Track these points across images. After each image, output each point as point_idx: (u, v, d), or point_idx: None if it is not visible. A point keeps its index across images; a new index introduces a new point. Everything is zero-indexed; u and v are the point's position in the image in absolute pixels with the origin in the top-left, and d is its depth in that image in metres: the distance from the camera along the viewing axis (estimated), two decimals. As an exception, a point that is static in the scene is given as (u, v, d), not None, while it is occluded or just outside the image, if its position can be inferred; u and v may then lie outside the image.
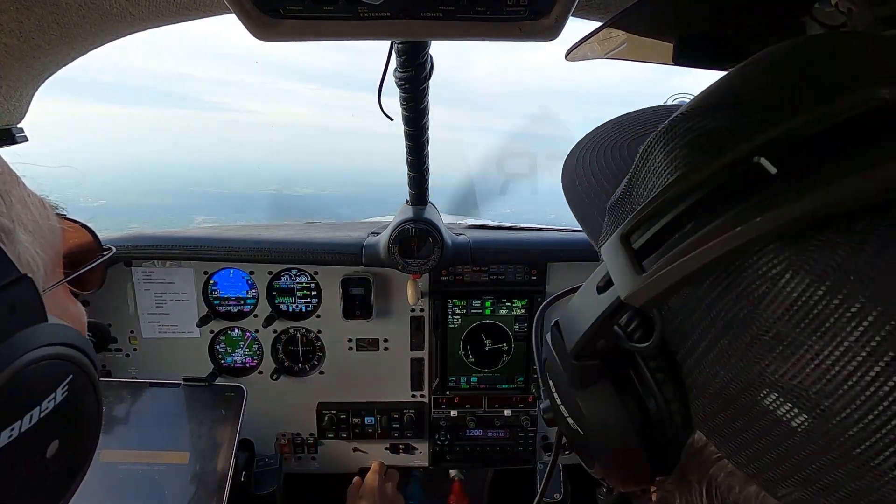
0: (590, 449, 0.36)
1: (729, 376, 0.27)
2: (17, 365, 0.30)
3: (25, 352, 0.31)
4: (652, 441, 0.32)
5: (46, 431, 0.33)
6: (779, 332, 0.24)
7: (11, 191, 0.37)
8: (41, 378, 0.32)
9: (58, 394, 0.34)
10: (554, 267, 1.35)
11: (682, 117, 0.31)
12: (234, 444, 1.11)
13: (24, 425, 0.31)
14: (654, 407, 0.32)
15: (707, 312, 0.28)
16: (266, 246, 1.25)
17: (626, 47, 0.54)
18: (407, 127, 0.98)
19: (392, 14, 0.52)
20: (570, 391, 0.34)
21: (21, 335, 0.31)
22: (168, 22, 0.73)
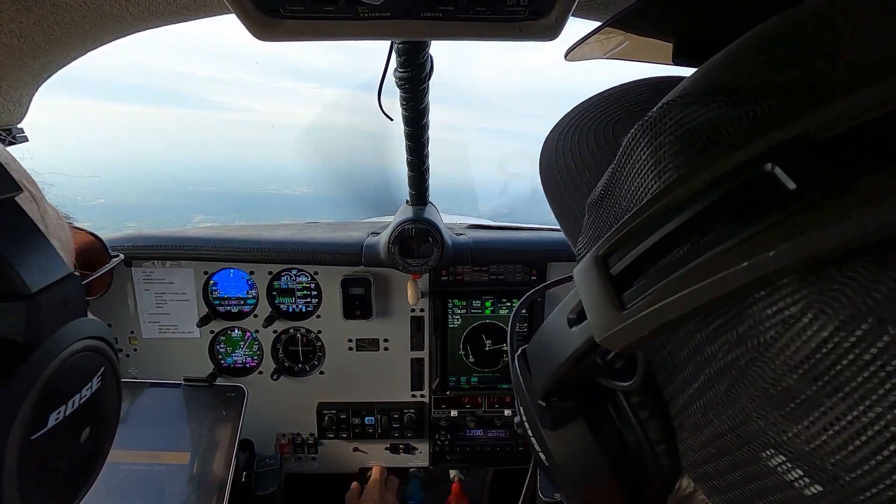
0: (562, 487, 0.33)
1: (724, 427, 0.23)
2: (67, 353, 0.33)
3: (73, 342, 0.33)
4: (633, 485, 0.29)
5: (82, 418, 0.35)
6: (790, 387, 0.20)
7: (41, 198, 0.39)
8: (82, 367, 0.35)
9: (93, 383, 0.36)
10: (554, 267, 1.35)
11: (671, 104, 0.26)
12: (235, 445, 1.12)
13: (67, 410, 0.33)
14: (636, 448, 0.29)
15: (699, 351, 0.23)
16: (266, 246, 1.25)
17: (626, 47, 0.54)
18: (407, 127, 0.99)
19: (392, 14, 0.52)
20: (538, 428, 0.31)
21: (71, 326, 0.33)
22: (168, 22, 0.73)
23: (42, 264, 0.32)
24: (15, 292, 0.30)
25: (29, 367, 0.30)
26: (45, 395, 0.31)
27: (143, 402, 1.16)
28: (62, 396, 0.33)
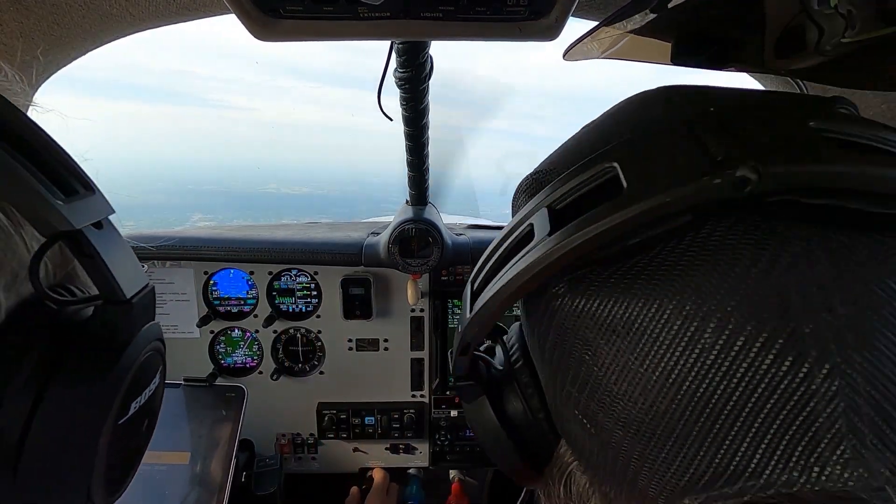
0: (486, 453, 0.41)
1: (552, 395, 0.32)
2: (148, 349, 0.39)
3: (150, 342, 0.39)
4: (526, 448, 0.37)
5: (146, 410, 0.40)
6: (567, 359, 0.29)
7: None
8: (152, 365, 0.41)
9: (157, 378, 0.42)
10: None
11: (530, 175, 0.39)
12: (235, 445, 1.12)
13: (142, 400, 0.39)
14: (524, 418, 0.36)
15: (533, 333, 0.33)
16: (266, 246, 1.25)
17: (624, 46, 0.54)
18: (407, 127, 0.99)
19: (392, 14, 0.52)
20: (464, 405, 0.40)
21: (147, 328, 0.39)
22: (168, 22, 0.73)
23: (133, 274, 0.38)
24: (116, 298, 0.36)
25: (125, 361, 0.35)
26: (131, 386, 0.36)
27: None
28: (140, 388, 0.38)
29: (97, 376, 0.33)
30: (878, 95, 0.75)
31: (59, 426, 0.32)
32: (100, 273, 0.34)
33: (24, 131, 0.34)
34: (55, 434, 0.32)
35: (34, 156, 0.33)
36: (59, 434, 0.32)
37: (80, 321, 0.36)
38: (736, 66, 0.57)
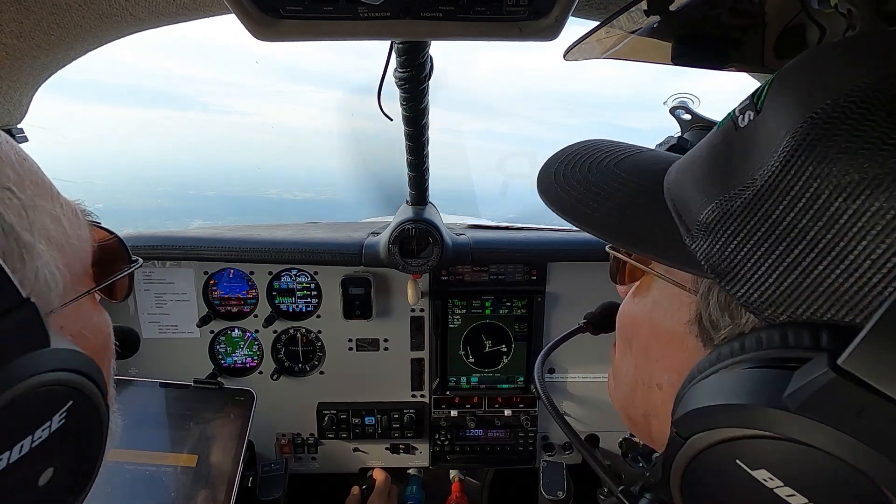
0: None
1: None
2: (8, 396, 0.29)
3: (20, 380, 0.30)
4: None
5: (39, 460, 0.32)
6: None
7: (40, 204, 0.37)
8: (36, 406, 0.31)
9: (53, 421, 0.33)
10: (554, 267, 1.35)
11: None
12: (243, 449, 1.11)
13: (12, 456, 0.30)
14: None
15: None
16: (266, 246, 1.25)
17: (624, 47, 0.54)
18: (407, 127, 0.99)
19: (392, 14, 0.52)
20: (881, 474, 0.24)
21: (18, 362, 0.30)
22: (168, 22, 0.73)
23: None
24: None
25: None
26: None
27: (151, 402, 1.16)
28: (4, 443, 0.30)
29: None
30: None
31: None
32: None
33: None
34: None
35: None
36: None
37: None
38: (736, 66, 0.57)
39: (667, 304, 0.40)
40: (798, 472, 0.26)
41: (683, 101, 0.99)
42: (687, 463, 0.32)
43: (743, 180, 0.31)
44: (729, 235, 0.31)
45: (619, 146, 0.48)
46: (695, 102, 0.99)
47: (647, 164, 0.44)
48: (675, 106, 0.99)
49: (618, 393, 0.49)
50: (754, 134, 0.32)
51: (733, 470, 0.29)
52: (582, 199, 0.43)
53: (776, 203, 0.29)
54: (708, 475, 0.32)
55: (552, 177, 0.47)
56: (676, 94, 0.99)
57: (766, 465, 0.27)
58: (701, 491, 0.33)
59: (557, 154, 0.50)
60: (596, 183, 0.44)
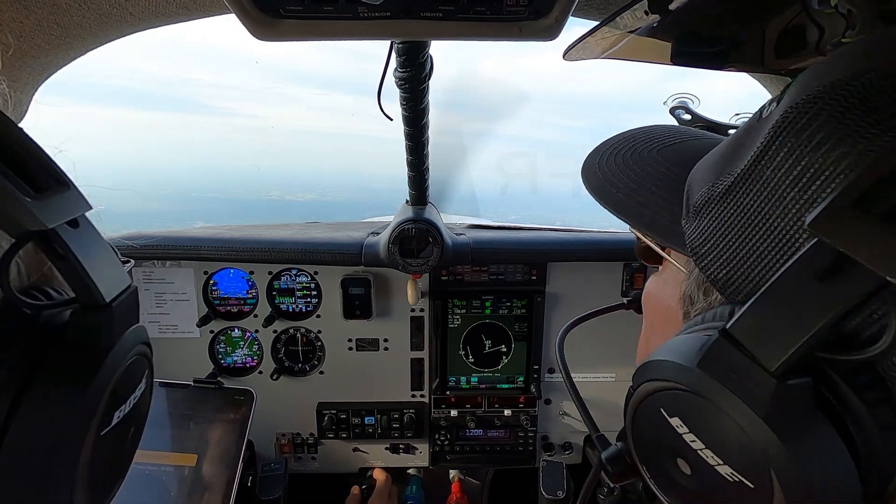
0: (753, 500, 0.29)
1: None
2: (132, 355, 0.37)
3: (134, 346, 0.37)
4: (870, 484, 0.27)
5: (132, 416, 0.39)
6: None
7: None
8: (137, 370, 0.39)
9: (142, 384, 0.40)
10: (554, 267, 1.35)
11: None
12: (242, 449, 1.11)
13: (126, 409, 0.37)
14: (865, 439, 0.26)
15: None
16: (266, 246, 1.25)
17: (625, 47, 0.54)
18: (407, 127, 0.99)
19: (392, 14, 0.52)
20: (751, 427, 0.28)
21: (131, 332, 0.37)
22: (167, 22, 0.73)
23: (113, 275, 0.35)
24: (94, 302, 0.33)
25: (105, 370, 0.33)
26: (114, 395, 0.34)
27: (152, 402, 1.15)
28: (124, 396, 0.36)
29: (77, 386, 0.31)
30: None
31: (38, 437, 0.30)
32: (75, 275, 0.32)
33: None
34: (33, 444, 0.30)
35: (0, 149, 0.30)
36: (38, 445, 0.30)
37: (59, 326, 0.33)
38: (736, 66, 0.57)
39: (671, 283, 0.43)
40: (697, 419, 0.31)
41: (683, 102, 0.99)
42: (633, 412, 0.37)
43: (733, 167, 0.33)
44: (709, 219, 0.34)
45: (673, 132, 0.50)
46: (695, 102, 0.99)
47: (688, 152, 0.45)
48: (674, 106, 0.99)
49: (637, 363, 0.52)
50: (764, 125, 0.33)
51: (658, 418, 0.34)
52: (613, 182, 0.46)
53: (747, 189, 0.31)
54: (644, 422, 0.36)
55: (597, 158, 0.50)
56: (676, 95, 0.99)
57: (679, 414, 0.32)
58: (640, 436, 0.37)
59: (614, 137, 0.52)
60: (631, 168, 0.46)
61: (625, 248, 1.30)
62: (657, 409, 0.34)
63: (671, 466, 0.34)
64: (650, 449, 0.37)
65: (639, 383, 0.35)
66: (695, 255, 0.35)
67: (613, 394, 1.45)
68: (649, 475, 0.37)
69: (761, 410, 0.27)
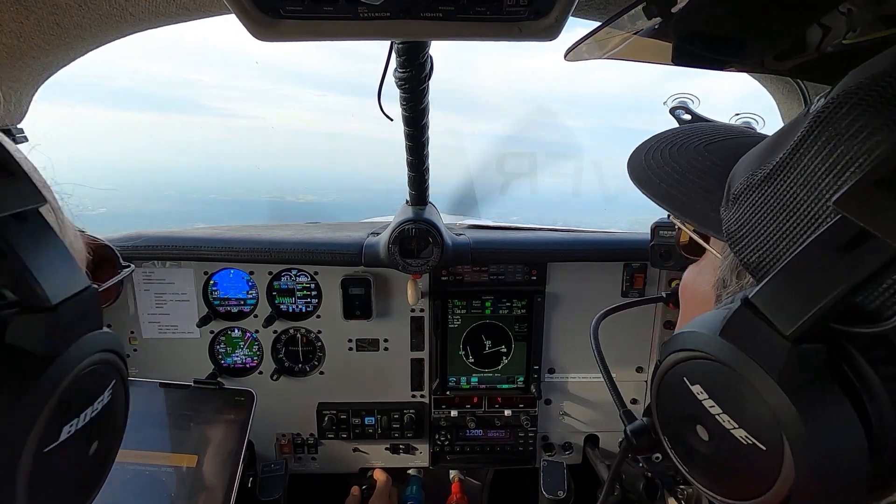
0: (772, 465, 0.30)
1: None
2: (82, 366, 0.33)
3: (89, 355, 0.34)
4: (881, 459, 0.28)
5: (92, 430, 0.35)
6: None
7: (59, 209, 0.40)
8: (96, 380, 0.35)
9: (105, 396, 0.36)
10: (554, 267, 1.35)
11: None
12: (243, 449, 1.11)
13: (79, 423, 0.33)
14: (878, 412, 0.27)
15: None
16: (266, 246, 1.25)
17: (626, 48, 0.54)
18: (407, 127, 0.99)
19: (392, 14, 0.52)
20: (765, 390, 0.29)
21: (87, 338, 0.34)
22: (168, 22, 0.73)
23: (63, 276, 0.32)
24: (37, 304, 0.30)
25: (45, 380, 0.30)
26: (59, 407, 0.31)
27: (152, 402, 1.15)
28: (76, 409, 0.33)
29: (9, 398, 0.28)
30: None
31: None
32: (16, 274, 0.29)
33: None
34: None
35: None
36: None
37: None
38: (736, 67, 0.57)
39: (708, 269, 0.44)
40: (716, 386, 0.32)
41: (683, 102, 0.99)
42: (658, 384, 0.38)
43: (773, 157, 0.34)
44: (746, 205, 0.35)
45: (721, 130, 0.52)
46: (695, 102, 0.99)
47: (734, 147, 0.45)
48: (674, 106, 0.99)
49: None
50: (807, 118, 0.33)
51: (681, 387, 0.35)
52: (658, 174, 0.48)
53: (784, 177, 0.32)
54: (668, 393, 0.37)
55: (643, 153, 0.52)
56: (676, 95, 0.99)
57: (700, 381, 0.33)
58: (664, 408, 0.38)
59: (660, 134, 0.54)
60: (677, 161, 0.48)
61: (625, 248, 1.30)
62: (680, 379, 0.35)
63: (691, 435, 0.35)
64: (672, 419, 0.38)
65: (665, 355, 0.37)
66: (730, 240, 0.36)
67: None
68: (671, 446, 0.39)
69: (775, 374, 0.28)
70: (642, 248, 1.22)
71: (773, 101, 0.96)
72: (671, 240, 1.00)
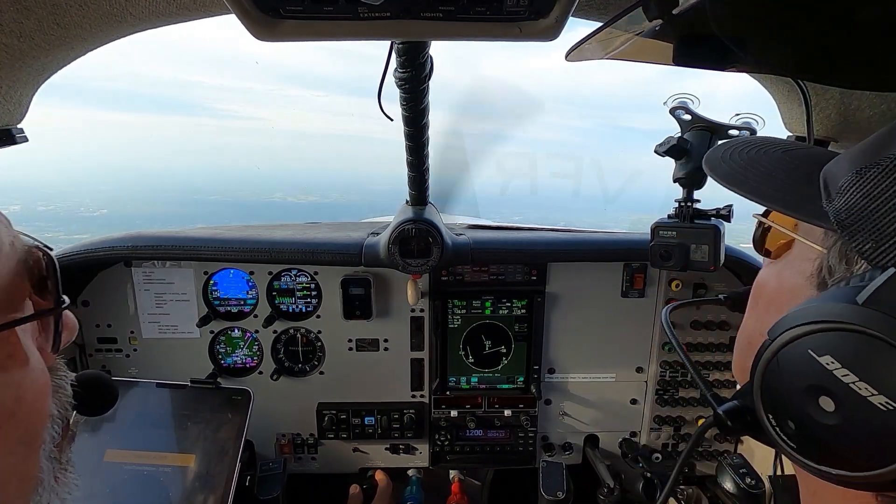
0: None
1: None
2: None
3: None
4: None
5: None
6: None
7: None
8: None
9: None
10: (554, 267, 1.35)
11: None
12: (240, 449, 1.11)
13: None
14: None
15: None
16: (266, 246, 1.25)
17: (627, 48, 0.54)
18: (407, 127, 0.99)
19: (392, 14, 0.52)
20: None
21: None
22: (168, 22, 0.73)
23: None
24: None
25: None
26: None
27: (149, 402, 1.15)
28: None
29: None
30: (878, 96, 0.74)
31: None
32: None
33: None
34: None
35: None
36: None
37: None
38: (737, 67, 0.57)
39: (796, 263, 0.45)
40: (854, 355, 0.33)
41: (683, 102, 0.99)
42: (770, 358, 0.38)
43: (885, 152, 0.35)
44: (861, 196, 0.36)
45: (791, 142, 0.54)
46: (695, 103, 0.99)
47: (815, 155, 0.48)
48: (675, 106, 0.99)
49: (737, 348, 0.54)
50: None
51: (804, 360, 0.35)
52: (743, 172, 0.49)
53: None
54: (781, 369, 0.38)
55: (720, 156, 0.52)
56: (676, 95, 0.99)
57: (831, 352, 0.34)
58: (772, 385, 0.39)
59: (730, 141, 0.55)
60: (760, 162, 0.50)
61: (625, 248, 1.30)
62: (804, 352, 0.36)
63: (811, 408, 0.36)
64: (786, 395, 0.38)
65: (779, 333, 0.37)
66: (843, 228, 0.37)
67: (613, 394, 1.45)
68: (774, 424, 0.39)
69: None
70: (642, 248, 1.22)
71: (773, 101, 0.96)
72: (671, 240, 1.00)
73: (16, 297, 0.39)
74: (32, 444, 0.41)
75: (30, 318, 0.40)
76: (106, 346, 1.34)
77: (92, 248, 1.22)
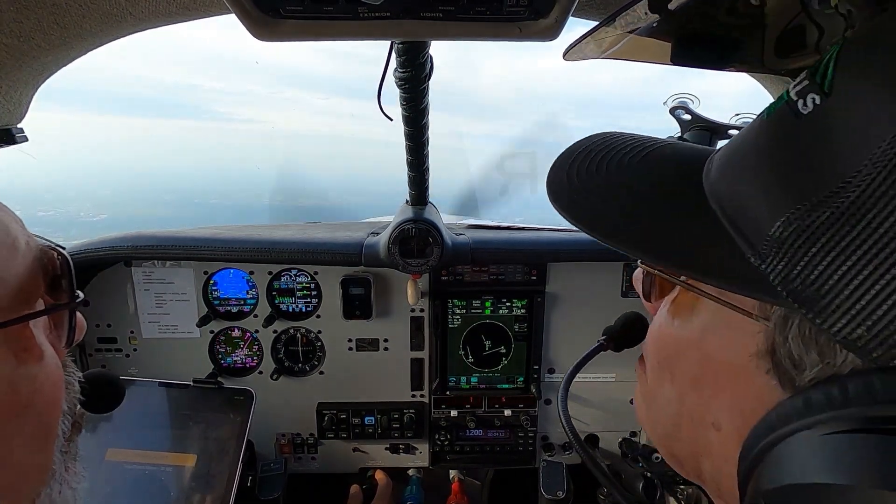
0: None
1: None
2: None
3: None
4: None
5: None
6: None
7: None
8: None
9: None
10: (554, 267, 1.35)
11: None
12: (242, 449, 1.11)
13: None
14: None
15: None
16: (266, 246, 1.25)
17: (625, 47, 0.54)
18: (407, 127, 0.99)
19: (392, 14, 0.52)
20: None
21: None
22: (168, 22, 0.73)
23: None
24: None
25: None
26: None
27: (151, 402, 1.16)
28: None
29: None
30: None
31: None
32: None
33: None
34: None
35: None
36: None
37: None
38: (736, 66, 0.57)
39: (724, 332, 0.34)
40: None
41: (683, 102, 0.99)
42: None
43: (829, 185, 0.25)
44: (816, 254, 0.25)
45: (637, 139, 0.42)
46: (695, 102, 0.99)
47: (676, 159, 0.38)
48: (674, 106, 0.99)
49: (654, 424, 0.43)
50: (830, 124, 0.26)
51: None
52: (604, 206, 0.38)
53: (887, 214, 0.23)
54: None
55: (565, 179, 0.40)
56: (676, 95, 0.99)
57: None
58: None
59: (569, 150, 0.43)
60: (618, 185, 0.38)
61: (625, 248, 1.30)
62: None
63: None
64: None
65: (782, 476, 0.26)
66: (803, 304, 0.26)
67: (613, 394, 1.45)
68: None
69: None
70: (642, 248, 1.21)
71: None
72: None
73: (31, 293, 0.40)
74: (49, 436, 0.42)
75: (47, 310, 0.41)
76: (106, 345, 1.34)
77: (92, 248, 1.23)
